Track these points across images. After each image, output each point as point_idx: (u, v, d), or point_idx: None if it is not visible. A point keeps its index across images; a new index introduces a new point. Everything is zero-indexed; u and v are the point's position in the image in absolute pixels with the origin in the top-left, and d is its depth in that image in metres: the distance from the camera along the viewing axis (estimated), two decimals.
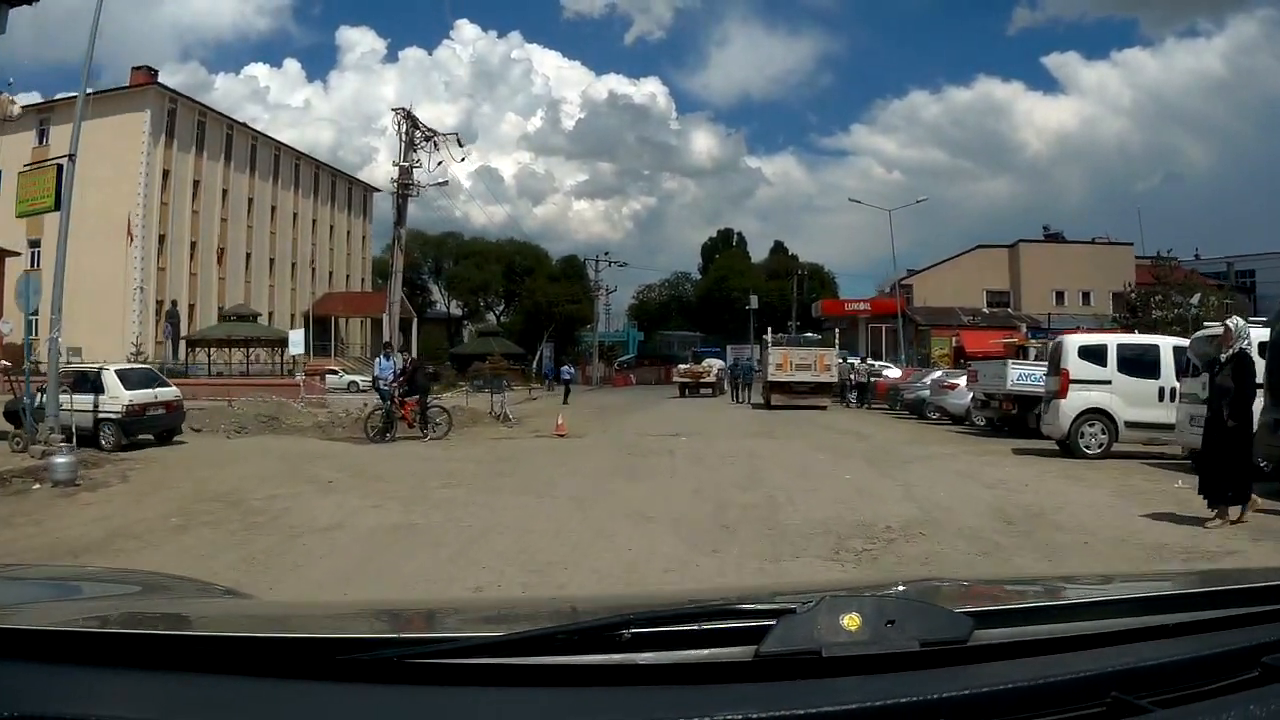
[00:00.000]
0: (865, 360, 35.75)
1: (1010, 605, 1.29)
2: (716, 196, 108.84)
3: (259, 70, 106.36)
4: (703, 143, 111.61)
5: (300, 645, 1.03)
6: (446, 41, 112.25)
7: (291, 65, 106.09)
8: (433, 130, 31.01)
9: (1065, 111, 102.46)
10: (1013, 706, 0.91)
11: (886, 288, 56.06)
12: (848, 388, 31.38)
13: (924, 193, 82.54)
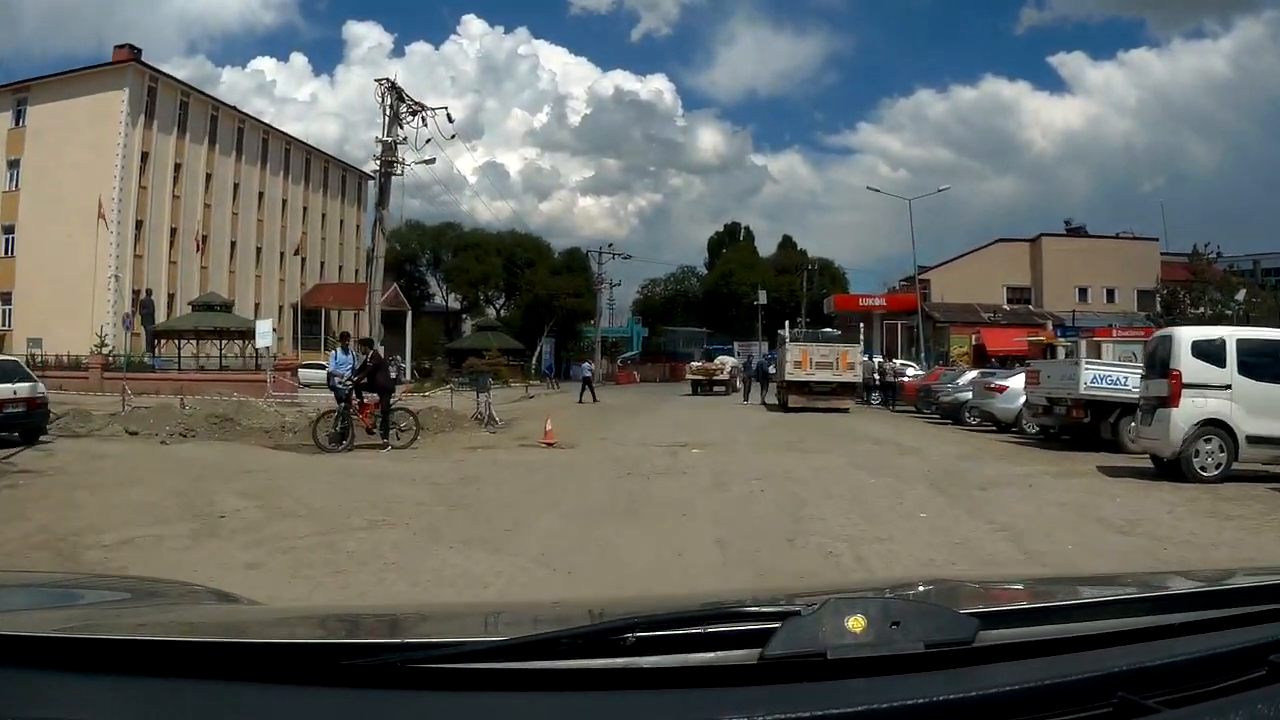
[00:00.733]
0: (894, 359, 33.10)
1: (1016, 606, 1.27)
2: (722, 194, 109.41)
3: (266, 64, 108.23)
4: (709, 140, 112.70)
5: (303, 650, 1.03)
6: (454, 37, 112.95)
7: (298, 59, 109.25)
8: (420, 104, 28.32)
9: (1072, 111, 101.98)
10: (1019, 707, 0.90)
11: (897, 284, 53.49)
12: (870, 388, 28.89)
13: (930, 191, 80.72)
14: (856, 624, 0.96)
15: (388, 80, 27.50)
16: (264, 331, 24.50)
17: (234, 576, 5.47)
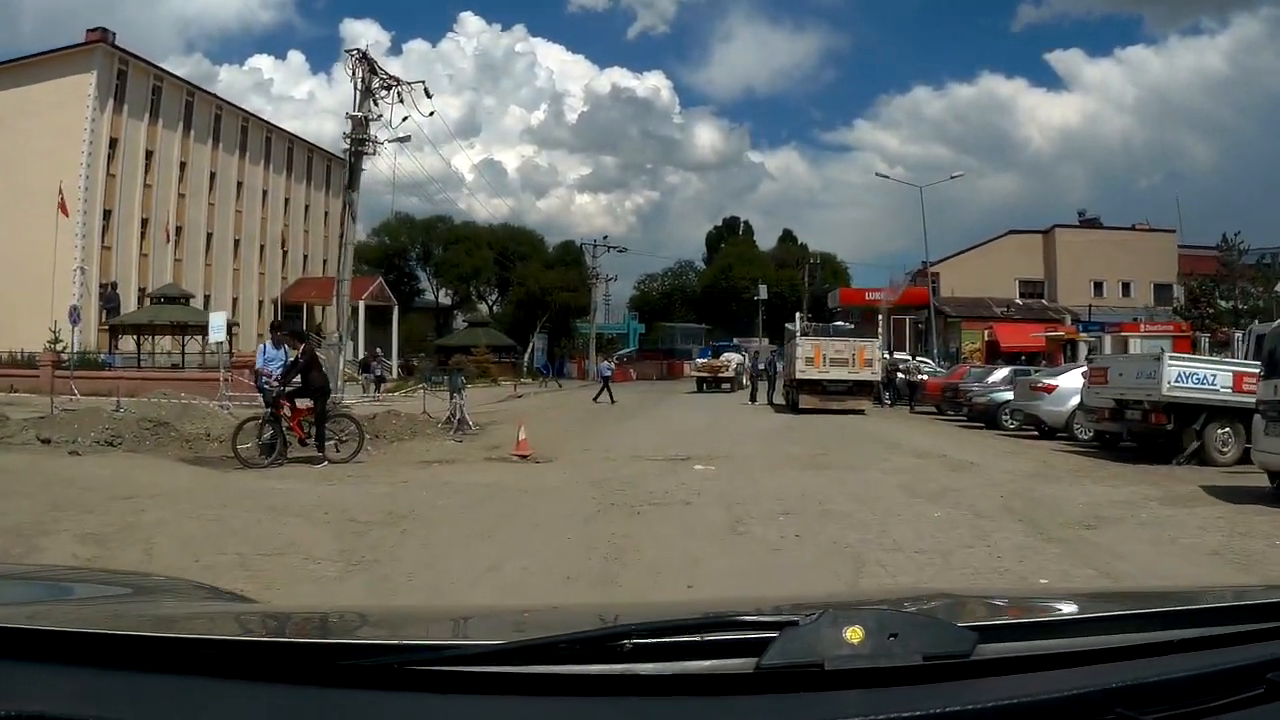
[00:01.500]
0: (916, 356, 30.69)
1: (1014, 620, 1.26)
2: (719, 191, 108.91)
3: (263, 62, 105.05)
4: (706, 137, 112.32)
5: (301, 650, 1.02)
6: (450, 34, 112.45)
7: (295, 57, 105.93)
8: (395, 78, 25.85)
9: (1069, 108, 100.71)
10: None
11: (900, 278, 51.17)
12: (887, 386, 26.49)
13: (927, 190, 78.53)
14: (854, 635, 0.95)
15: (358, 50, 25.05)
16: (218, 325, 21.92)
17: None
